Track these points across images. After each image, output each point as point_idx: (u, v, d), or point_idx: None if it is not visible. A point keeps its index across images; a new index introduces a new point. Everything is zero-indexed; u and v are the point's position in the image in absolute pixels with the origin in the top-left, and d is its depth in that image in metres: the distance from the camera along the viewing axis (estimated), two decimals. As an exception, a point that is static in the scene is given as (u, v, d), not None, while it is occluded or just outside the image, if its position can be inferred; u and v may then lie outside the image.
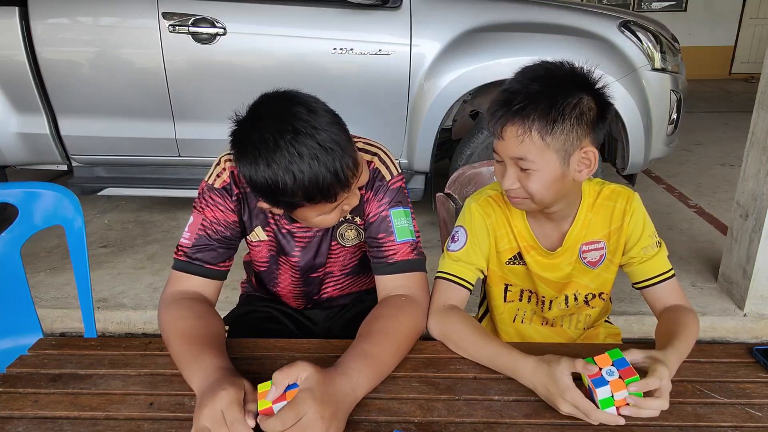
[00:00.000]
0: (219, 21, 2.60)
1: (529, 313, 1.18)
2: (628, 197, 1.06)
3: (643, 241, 1.05)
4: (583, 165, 0.95)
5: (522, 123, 0.90)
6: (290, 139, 0.83)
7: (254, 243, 1.13)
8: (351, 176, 0.89)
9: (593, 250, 1.08)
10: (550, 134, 0.90)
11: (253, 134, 0.86)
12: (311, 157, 0.84)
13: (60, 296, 2.53)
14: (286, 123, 0.84)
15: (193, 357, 0.84)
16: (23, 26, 2.65)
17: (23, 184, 1.26)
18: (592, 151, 0.94)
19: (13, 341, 1.29)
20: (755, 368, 0.91)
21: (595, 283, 1.12)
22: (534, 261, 1.10)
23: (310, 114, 0.86)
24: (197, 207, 1.05)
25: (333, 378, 0.77)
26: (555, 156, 0.92)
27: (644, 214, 1.07)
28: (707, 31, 8.68)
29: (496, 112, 0.93)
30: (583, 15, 2.68)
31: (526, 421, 0.79)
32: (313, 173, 0.85)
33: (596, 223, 1.07)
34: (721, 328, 2.34)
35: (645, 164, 2.81)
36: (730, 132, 5.30)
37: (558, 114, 0.89)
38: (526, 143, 0.91)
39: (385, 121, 2.73)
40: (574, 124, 0.90)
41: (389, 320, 0.93)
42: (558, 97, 0.89)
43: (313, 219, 0.96)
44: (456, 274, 1.06)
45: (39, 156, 2.91)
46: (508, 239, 1.10)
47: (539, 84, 0.91)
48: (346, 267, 1.19)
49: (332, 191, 0.88)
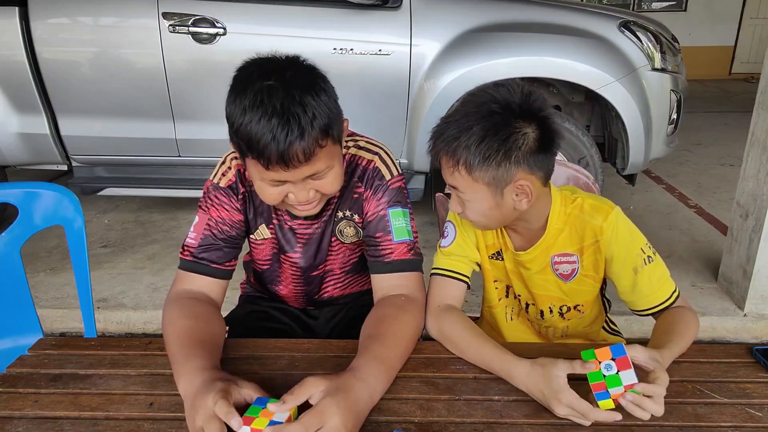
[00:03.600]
0: (219, 21, 2.60)
1: (516, 309, 1.18)
2: (606, 213, 1.00)
3: (629, 259, 0.99)
4: (522, 195, 0.93)
5: (451, 156, 0.92)
6: (267, 87, 0.84)
7: (258, 241, 1.13)
8: (298, 155, 0.84)
9: (565, 262, 1.06)
10: (476, 169, 0.90)
11: (251, 67, 0.88)
12: (270, 113, 0.82)
13: (60, 296, 2.52)
14: (281, 74, 0.85)
15: (183, 358, 0.84)
16: (23, 26, 2.65)
17: (23, 184, 1.26)
18: (527, 184, 0.91)
19: (13, 341, 1.29)
20: (755, 368, 0.91)
21: (569, 296, 1.10)
22: (509, 260, 1.10)
23: (308, 85, 0.86)
24: (203, 206, 1.05)
25: (353, 385, 0.77)
26: (486, 188, 0.92)
27: (626, 231, 1.00)
28: (707, 31, 8.68)
29: (431, 142, 0.96)
30: (583, 15, 2.67)
31: (526, 421, 0.79)
32: (260, 130, 0.83)
33: (567, 235, 1.03)
34: (721, 328, 2.34)
35: (645, 164, 2.81)
36: (730, 132, 5.30)
37: (485, 149, 0.88)
38: (456, 176, 0.93)
39: (385, 121, 2.73)
40: (503, 159, 0.88)
41: (395, 321, 0.93)
42: (489, 131, 0.88)
43: (267, 189, 0.92)
44: (450, 268, 1.06)
45: (39, 156, 2.91)
46: (492, 234, 1.10)
47: (474, 116, 0.89)
48: (346, 264, 1.19)
49: (269, 154, 0.84)
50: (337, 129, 0.91)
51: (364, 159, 1.07)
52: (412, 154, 2.77)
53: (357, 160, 1.07)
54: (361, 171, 1.07)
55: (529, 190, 0.92)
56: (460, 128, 0.90)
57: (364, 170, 1.06)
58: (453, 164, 0.92)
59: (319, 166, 0.90)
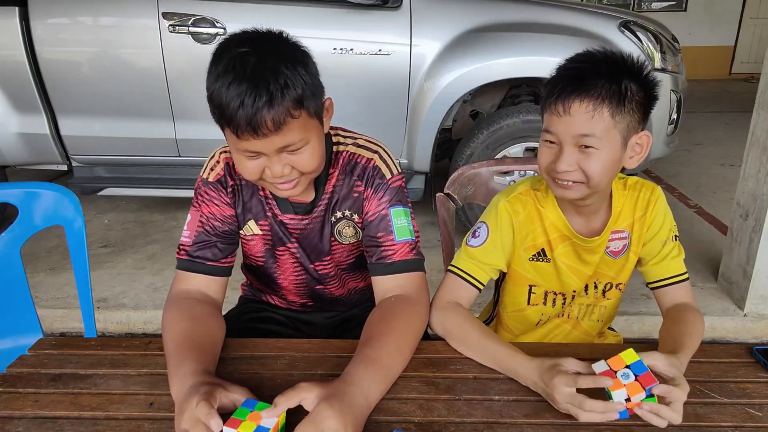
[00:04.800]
0: (219, 21, 2.60)
1: (552, 314, 1.17)
2: (652, 188, 1.06)
3: (662, 233, 1.05)
4: (634, 152, 0.95)
5: (594, 99, 0.88)
6: (240, 54, 0.84)
7: (248, 237, 1.11)
8: (266, 122, 0.83)
9: (617, 239, 1.07)
10: (619, 113, 0.89)
11: (231, 38, 0.88)
12: (240, 78, 0.82)
13: (60, 296, 2.52)
14: (257, 44, 0.86)
15: (177, 361, 0.84)
16: (23, 26, 2.65)
17: (23, 184, 1.26)
18: (647, 137, 0.95)
19: (13, 341, 1.29)
20: (755, 368, 0.91)
21: (615, 272, 1.11)
22: (563, 253, 1.08)
23: (284, 56, 0.86)
24: (194, 204, 1.05)
25: (345, 389, 0.77)
26: (618, 136, 0.91)
27: (666, 206, 1.06)
28: (707, 31, 8.68)
29: (564, 87, 0.90)
30: (583, 15, 2.67)
31: (526, 421, 0.79)
32: (230, 95, 0.83)
33: (624, 212, 1.06)
34: (721, 328, 2.34)
35: (645, 164, 2.81)
36: (730, 132, 5.30)
37: (626, 94, 0.89)
38: (596, 120, 0.89)
39: (385, 121, 2.73)
40: (636, 108, 0.90)
41: (390, 323, 0.93)
42: (623, 79, 0.89)
43: (244, 162, 0.91)
44: (469, 272, 1.05)
45: (39, 156, 2.91)
46: (533, 235, 1.07)
47: (605, 64, 0.91)
48: (342, 263, 1.18)
49: (238, 121, 0.83)
50: (314, 103, 0.90)
51: (363, 157, 1.05)
52: (412, 154, 2.77)
53: (356, 159, 1.06)
54: (360, 169, 1.05)
55: (647, 144, 0.94)
56: (599, 73, 0.89)
57: (363, 169, 1.05)
58: (596, 106, 0.88)
59: (291, 138, 0.88)
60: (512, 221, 1.06)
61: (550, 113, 0.93)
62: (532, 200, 1.07)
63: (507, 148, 2.70)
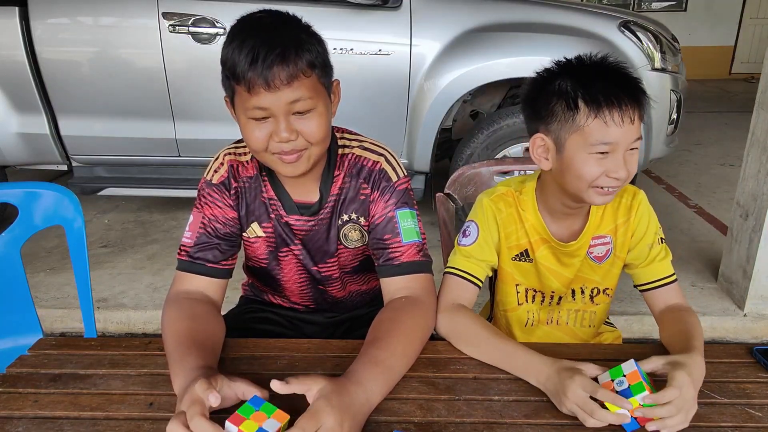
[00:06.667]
0: (219, 21, 2.59)
1: (539, 315, 1.17)
2: (634, 193, 1.07)
3: (647, 237, 1.06)
4: None
5: (630, 105, 0.92)
6: (257, 19, 0.91)
7: (251, 239, 1.12)
8: (279, 74, 0.86)
9: (600, 244, 1.08)
10: (643, 112, 0.94)
11: (249, 15, 0.93)
12: (255, 36, 0.88)
13: (60, 296, 2.52)
14: (274, 14, 0.93)
15: (179, 357, 0.84)
16: (23, 26, 2.65)
17: (23, 184, 1.26)
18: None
19: (13, 341, 1.29)
20: (755, 368, 0.91)
21: (600, 277, 1.12)
22: (544, 256, 1.09)
23: (300, 27, 0.93)
24: (197, 205, 1.05)
25: (347, 388, 0.77)
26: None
27: (649, 210, 1.07)
28: (707, 31, 8.68)
29: (607, 97, 0.91)
30: (583, 15, 2.68)
31: (526, 421, 0.79)
32: (245, 49, 0.87)
33: (605, 217, 1.07)
34: (721, 328, 2.34)
35: (645, 164, 2.81)
36: (730, 132, 5.30)
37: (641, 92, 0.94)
38: (636, 124, 0.93)
39: (385, 121, 2.73)
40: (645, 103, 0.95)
41: (397, 324, 0.93)
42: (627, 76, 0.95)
43: (252, 129, 0.92)
44: (467, 271, 1.06)
45: (39, 156, 2.91)
46: (516, 236, 1.09)
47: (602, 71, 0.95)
48: (346, 266, 1.18)
49: (252, 74, 0.86)
50: (324, 73, 0.94)
51: (369, 160, 1.06)
52: (412, 154, 2.77)
53: (362, 162, 1.06)
54: (367, 172, 1.05)
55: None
56: (611, 82, 0.92)
57: (370, 171, 1.05)
58: (633, 112, 0.92)
59: (301, 93, 0.89)
60: (496, 218, 1.08)
61: (601, 123, 0.91)
62: (514, 201, 1.09)
63: (507, 148, 2.70)
